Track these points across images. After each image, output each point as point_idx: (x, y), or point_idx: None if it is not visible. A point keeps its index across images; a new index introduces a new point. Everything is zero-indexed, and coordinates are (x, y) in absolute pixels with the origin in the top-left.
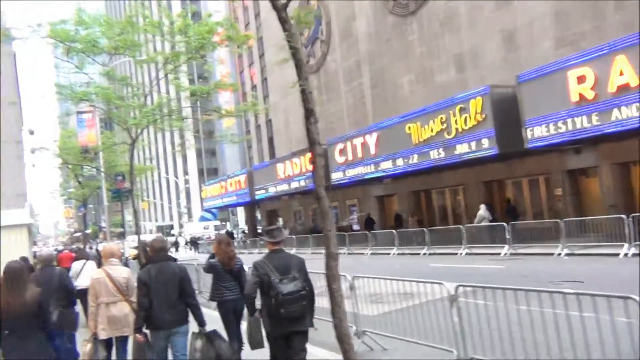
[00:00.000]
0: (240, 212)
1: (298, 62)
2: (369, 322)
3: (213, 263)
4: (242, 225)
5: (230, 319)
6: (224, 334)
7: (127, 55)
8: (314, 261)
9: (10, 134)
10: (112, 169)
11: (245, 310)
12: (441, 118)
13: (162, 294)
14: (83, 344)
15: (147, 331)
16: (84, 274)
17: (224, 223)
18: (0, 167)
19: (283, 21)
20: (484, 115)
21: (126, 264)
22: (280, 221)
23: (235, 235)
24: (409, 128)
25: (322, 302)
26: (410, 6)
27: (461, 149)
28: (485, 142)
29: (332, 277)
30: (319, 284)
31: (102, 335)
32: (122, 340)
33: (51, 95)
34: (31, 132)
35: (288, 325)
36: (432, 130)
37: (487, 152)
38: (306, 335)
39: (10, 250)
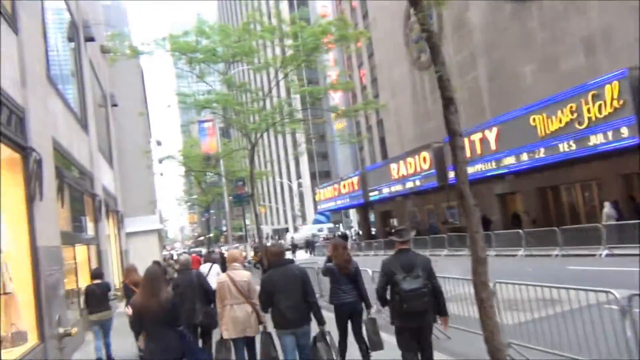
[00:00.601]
0: (353, 214)
1: (432, 46)
2: (511, 332)
3: (330, 267)
4: (356, 227)
5: (346, 321)
6: (336, 337)
7: (243, 62)
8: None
9: (140, 145)
10: (232, 175)
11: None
12: (571, 107)
13: (286, 296)
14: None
15: (273, 330)
16: (210, 277)
17: (337, 225)
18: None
19: (414, 2)
20: (622, 102)
21: (248, 268)
22: (395, 222)
23: (349, 238)
24: (534, 120)
25: (451, 307)
26: None
27: (596, 139)
28: (624, 131)
29: (481, 285)
30: (446, 288)
31: (226, 335)
32: (250, 341)
33: (174, 105)
34: (159, 143)
35: (412, 320)
36: (560, 121)
37: (627, 142)
38: (431, 329)
39: (143, 253)
